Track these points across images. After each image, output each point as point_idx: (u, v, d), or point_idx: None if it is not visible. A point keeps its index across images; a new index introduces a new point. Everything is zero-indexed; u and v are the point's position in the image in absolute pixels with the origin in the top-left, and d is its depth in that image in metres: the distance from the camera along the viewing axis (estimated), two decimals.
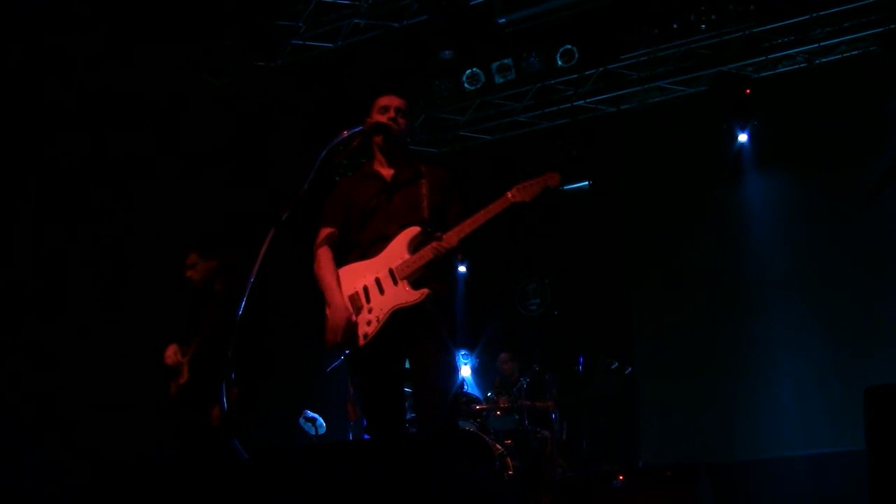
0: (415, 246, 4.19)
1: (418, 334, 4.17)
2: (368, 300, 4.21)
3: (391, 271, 4.18)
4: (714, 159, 9.52)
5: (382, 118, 4.36)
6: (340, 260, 4.37)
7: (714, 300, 9.40)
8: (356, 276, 4.27)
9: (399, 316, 4.14)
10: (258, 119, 8.79)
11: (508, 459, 7.15)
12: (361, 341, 4.16)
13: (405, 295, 4.13)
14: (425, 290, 4.11)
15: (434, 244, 4.11)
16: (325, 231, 4.41)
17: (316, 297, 4.50)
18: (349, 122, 4.30)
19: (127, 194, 7.78)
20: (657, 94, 9.67)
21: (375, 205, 4.34)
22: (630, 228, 10.28)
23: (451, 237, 4.08)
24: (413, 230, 4.23)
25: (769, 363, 9.00)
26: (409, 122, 4.48)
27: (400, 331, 4.17)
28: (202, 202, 8.29)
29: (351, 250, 4.37)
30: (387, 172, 4.43)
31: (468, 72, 9.19)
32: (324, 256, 4.36)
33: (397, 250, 4.21)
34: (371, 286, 4.22)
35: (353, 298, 4.23)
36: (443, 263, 4.18)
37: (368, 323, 4.17)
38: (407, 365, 4.30)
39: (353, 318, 4.19)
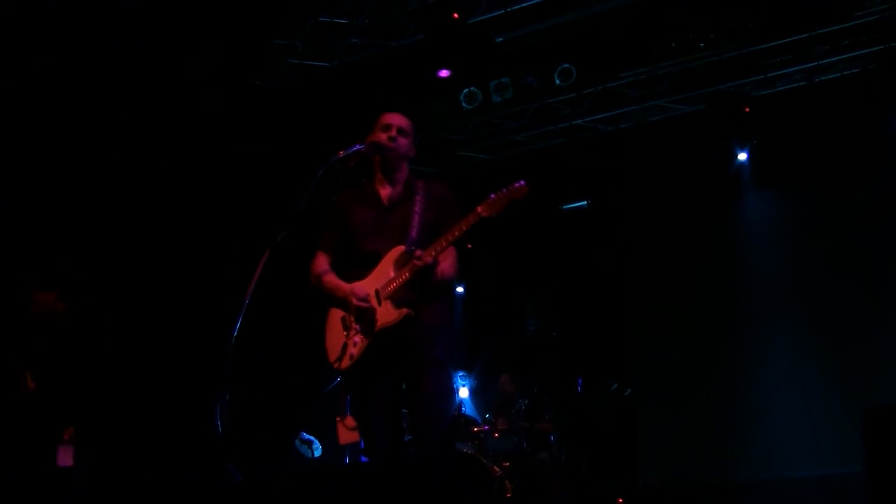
0: (399, 265, 4.20)
1: (409, 355, 4.20)
2: (357, 321, 4.25)
3: (377, 292, 4.21)
4: (713, 178, 9.48)
5: (383, 137, 4.36)
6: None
7: (713, 319, 9.37)
8: None
9: (384, 336, 4.16)
10: (254, 137, 8.73)
11: (507, 482, 7.19)
12: (347, 362, 4.21)
13: (385, 315, 4.15)
14: (404, 310, 4.12)
15: (412, 262, 4.10)
16: (322, 256, 4.47)
17: (314, 316, 4.54)
18: (346, 140, 4.29)
19: (113, 212, 7.82)
20: (656, 113, 9.64)
21: (371, 225, 4.37)
22: (629, 248, 10.22)
23: (426, 254, 4.07)
24: (398, 249, 4.25)
25: (769, 383, 8.94)
26: (410, 142, 4.47)
27: (388, 351, 4.19)
28: (194, 222, 8.31)
29: (346, 271, 4.40)
30: (384, 192, 4.44)
31: (466, 91, 9.18)
32: (319, 267, 4.43)
33: (384, 270, 4.24)
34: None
35: (345, 320, 4.28)
36: (427, 282, 4.17)
37: (355, 344, 4.21)
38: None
39: (346, 337, 4.24)
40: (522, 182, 4.04)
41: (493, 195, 4.03)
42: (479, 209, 4.04)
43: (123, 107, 7.79)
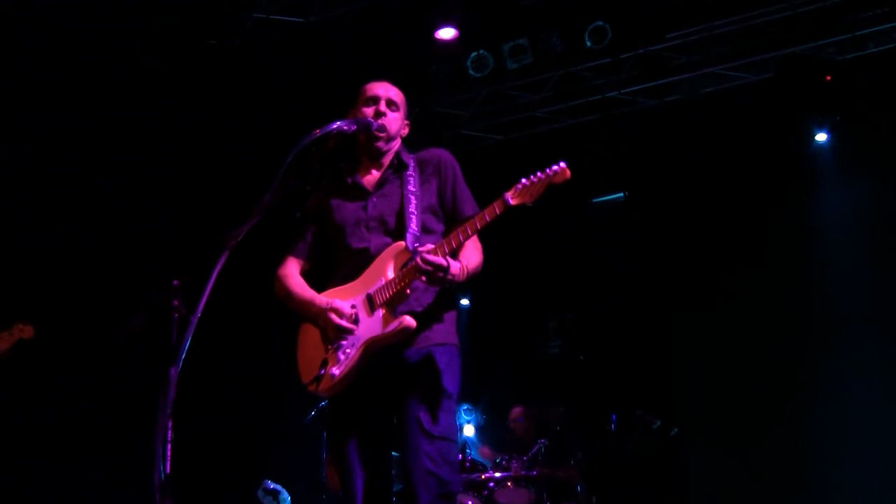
0: (401, 264, 4.19)
1: (404, 381, 4.19)
2: (340, 334, 4.26)
3: (369, 297, 4.20)
4: (783, 164, 9.47)
5: (369, 112, 4.37)
6: (317, 289, 4.42)
7: (781, 340, 9.32)
8: None
9: (375, 354, 4.15)
10: (209, 112, 8.79)
11: None
12: (326, 384, 4.20)
13: (378, 325, 4.14)
14: (403, 321, 4.09)
15: (415, 262, 4.07)
16: (291, 262, 4.53)
17: (282, 331, 4.60)
18: (323, 116, 4.27)
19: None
20: (710, 83, 9.60)
21: (356, 219, 4.39)
22: (675, 251, 10.18)
23: (434, 251, 4.05)
24: (397, 246, 4.23)
25: (851, 419, 8.89)
26: (402, 119, 4.50)
27: (378, 374, 4.18)
28: (130, 217, 8.42)
29: (328, 276, 4.43)
30: (370, 179, 4.48)
31: (474, 55, 9.14)
32: (288, 277, 4.48)
33: (378, 271, 4.22)
34: None
35: (325, 330, 4.29)
36: (435, 286, 4.18)
37: (337, 362, 4.19)
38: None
39: (325, 351, 4.23)
40: (563, 164, 3.99)
41: (524, 180, 3.98)
42: (508, 195, 3.99)
43: (46, 74, 7.79)
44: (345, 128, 4.21)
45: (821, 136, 9.35)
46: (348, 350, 4.18)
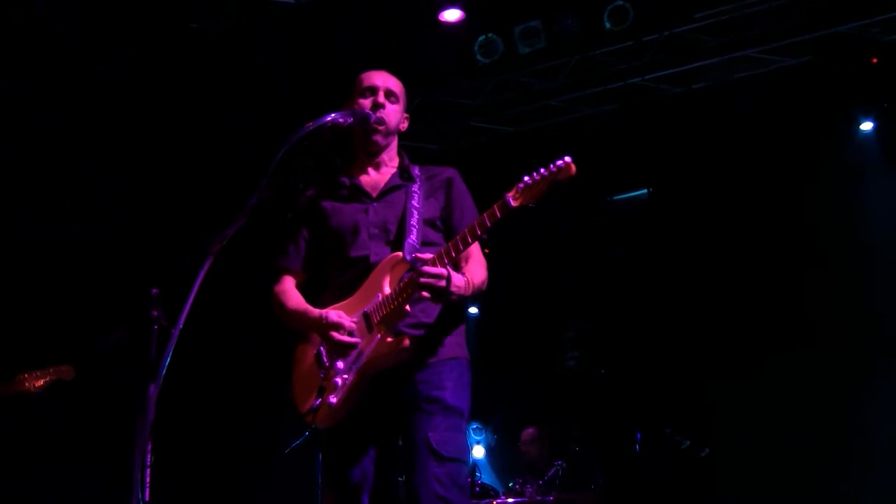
0: (398, 277, 4.20)
1: (409, 402, 4.21)
2: (336, 356, 4.29)
3: (365, 315, 4.21)
4: (825, 156, 9.42)
5: (366, 103, 4.40)
6: (310, 299, 4.47)
7: (824, 350, 9.21)
8: None
9: (375, 377, 4.17)
10: (191, 103, 8.79)
11: None
12: (324, 412, 4.23)
13: (377, 347, 4.15)
14: (404, 340, 4.12)
15: (414, 274, 4.06)
16: (284, 274, 4.58)
17: (275, 350, 4.76)
18: (317, 108, 4.29)
19: None
20: (744, 68, 9.49)
21: (355, 224, 4.41)
22: (704, 254, 10.14)
23: (433, 261, 4.04)
24: (394, 257, 4.25)
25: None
26: (402, 111, 4.54)
27: (380, 398, 4.21)
28: (114, 214, 8.59)
29: (323, 290, 4.47)
30: (369, 180, 4.51)
31: (481, 38, 9.15)
32: (285, 293, 4.51)
33: (376, 286, 4.24)
34: None
35: (319, 355, 4.32)
36: (437, 300, 4.19)
37: (334, 387, 4.21)
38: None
39: (320, 376, 4.26)
40: (568, 158, 3.94)
41: (526, 178, 3.95)
42: (509, 196, 3.97)
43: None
44: (340, 120, 4.21)
45: (866, 125, 9.35)
46: (345, 375, 4.20)
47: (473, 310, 10.56)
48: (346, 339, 4.18)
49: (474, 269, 4.28)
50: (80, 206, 8.43)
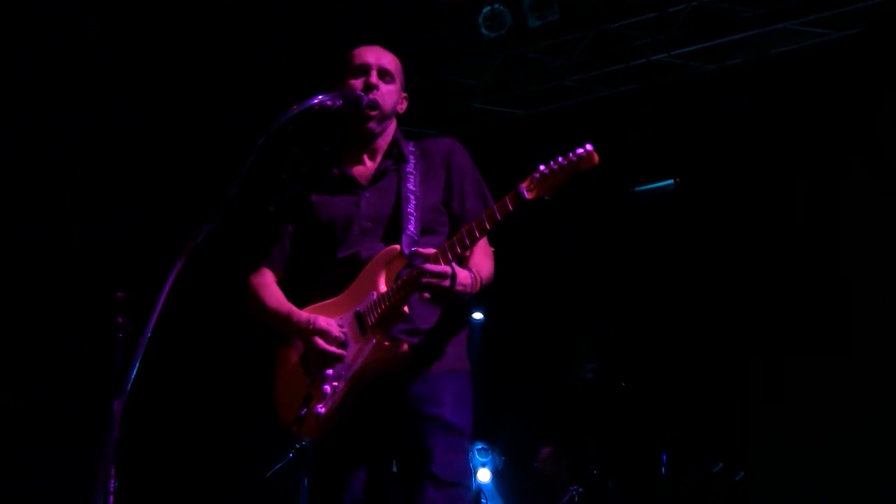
0: (395, 274, 4.21)
1: (405, 418, 4.22)
2: (325, 362, 4.30)
3: (358, 315, 4.22)
4: (875, 141, 9.30)
5: (358, 83, 4.40)
6: (296, 302, 4.49)
7: (874, 363, 9.15)
8: None
9: (368, 386, 4.18)
10: (164, 85, 8.88)
11: None
12: (310, 424, 4.24)
13: (371, 352, 4.16)
14: (402, 345, 4.13)
15: (414, 271, 4.06)
16: (265, 272, 4.59)
17: (253, 356, 4.89)
18: (303, 89, 4.38)
19: None
20: (784, 41, 9.28)
21: (346, 218, 4.42)
22: (737, 250, 10.11)
23: (435, 257, 4.03)
24: (391, 251, 4.24)
25: None
26: (398, 91, 4.55)
27: (373, 407, 4.22)
28: (76, 210, 8.75)
29: (310, 286, 4.49)
30: (362, 170, 4.51)
31: (487, 10, 9.14)
32: (263, 287, 4.55)
33: (369, 283, 4.25)
34: None
35: (306, 359, 4.33)
36: (440, 301, 4.17)
37: (323, 397, 4.23)
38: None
39: (308, 383, 4.27)
40: (589, 146, 3.89)
41: (542, 167, 3.90)
42: (523, 188, 3.93)
43: None
44: (328, 103, 4.24)
45: None
46: (335, 383, 4.19)
47: (478, 315, 10.61)
48: (333, 349, 4.17)
49: (480, 262, 4.26)
50: (35, 200, 8.55)
